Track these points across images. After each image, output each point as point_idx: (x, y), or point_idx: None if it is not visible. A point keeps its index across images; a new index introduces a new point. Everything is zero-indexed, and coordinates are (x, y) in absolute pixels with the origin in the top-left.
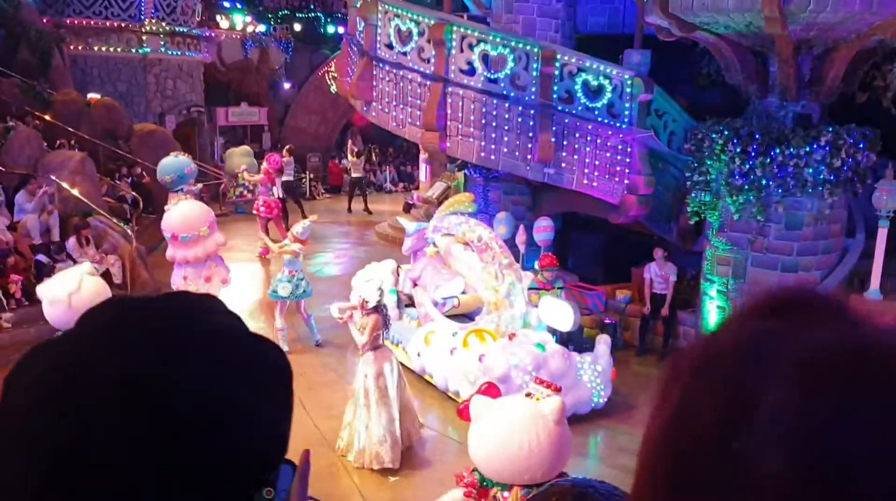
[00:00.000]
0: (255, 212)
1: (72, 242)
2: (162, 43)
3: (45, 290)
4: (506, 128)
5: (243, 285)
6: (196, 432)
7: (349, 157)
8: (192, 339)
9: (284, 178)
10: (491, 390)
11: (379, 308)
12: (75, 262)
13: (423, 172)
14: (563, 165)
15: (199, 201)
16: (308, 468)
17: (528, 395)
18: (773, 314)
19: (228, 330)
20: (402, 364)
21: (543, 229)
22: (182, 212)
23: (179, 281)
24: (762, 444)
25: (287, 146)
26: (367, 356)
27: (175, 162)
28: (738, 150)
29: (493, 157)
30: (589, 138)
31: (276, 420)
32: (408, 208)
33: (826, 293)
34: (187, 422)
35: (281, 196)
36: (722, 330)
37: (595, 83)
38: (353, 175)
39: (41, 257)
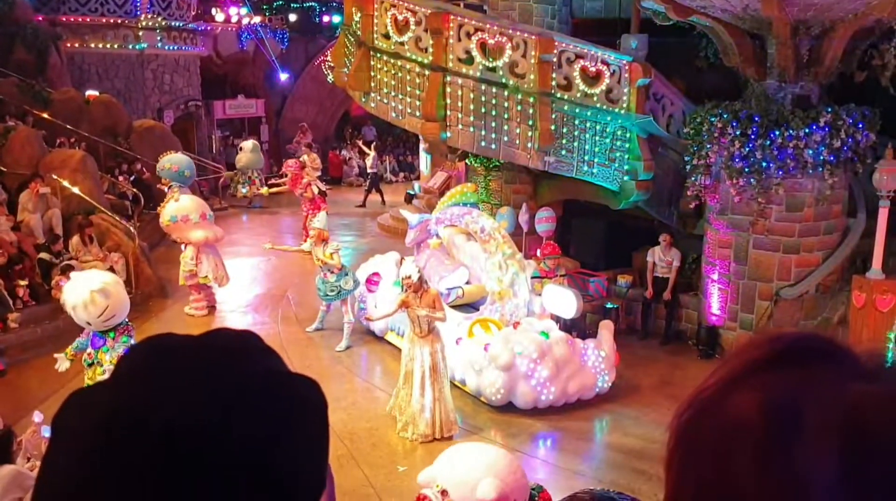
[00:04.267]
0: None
1: (75, 240)
2: (158, 38)
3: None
4: (505, 117)
5: (246, 279)
6: (250, 480)
7: (366, 151)
8: (240, 383)
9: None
10: None
11: (424, 281)
12: (75, 259)
13: (423, 162)
14: (563, 152)
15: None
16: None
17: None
18: (777, 362)
19: (272, 372)
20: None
21: (545, 219)
22: (194, 200)
23: (211, 266)
24: None
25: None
26: (432, 334)
27: (187, 160)
28: (738, 133)
29: (493, 146)
30: (588, 125)
31: (319, 463)
32: (409, 199)
33: (823, 336)
34: (241, 471)
35: (324, 190)
36: (737, 389)
37: (593, 69)
38: (370, 171)
39: (44, 256)
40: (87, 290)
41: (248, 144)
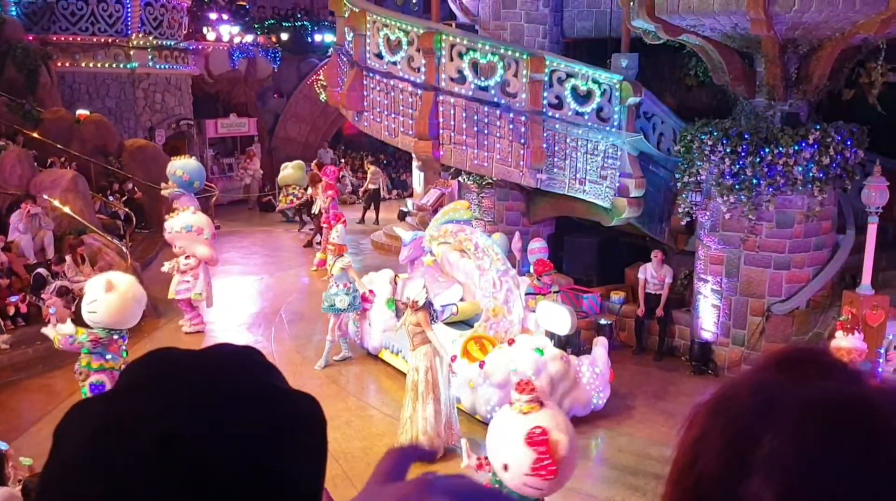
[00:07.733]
0: (325, 225)
1: (67, 261)
2: (150, 57)
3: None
4: (498, 135)
5: (240, 297)
6: (243, 494)
7: (367, 168)
8: (237, 397)
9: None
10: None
11: (427, 305)
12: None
13: (416, 179)
14: (555, 170)
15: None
16: None
17: (511, 403)
18: (785, 368)
19: (270, 387)
20: (401, 372)
21: (538, 250)
22: (206, 217)
23: (204, 285)
24: (758, 482)
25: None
26: (418, 351)
27: (198, 170)
28: (728, 150)
29: (486, 164)
30: (580, 143)
31: (316, 479)
32: (402, 216)
33: (826, 352)
34: (234, 484)
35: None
36: (739, 380)
37: (584, 88)
38: (371, 187)
39: (42, 271)
40: (97, 288)
41: (295, 163)
